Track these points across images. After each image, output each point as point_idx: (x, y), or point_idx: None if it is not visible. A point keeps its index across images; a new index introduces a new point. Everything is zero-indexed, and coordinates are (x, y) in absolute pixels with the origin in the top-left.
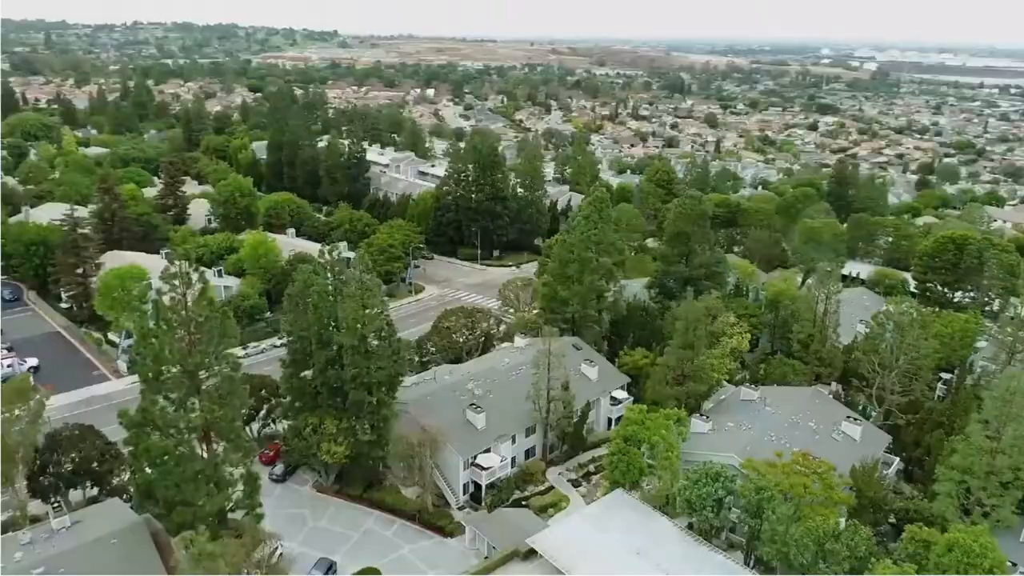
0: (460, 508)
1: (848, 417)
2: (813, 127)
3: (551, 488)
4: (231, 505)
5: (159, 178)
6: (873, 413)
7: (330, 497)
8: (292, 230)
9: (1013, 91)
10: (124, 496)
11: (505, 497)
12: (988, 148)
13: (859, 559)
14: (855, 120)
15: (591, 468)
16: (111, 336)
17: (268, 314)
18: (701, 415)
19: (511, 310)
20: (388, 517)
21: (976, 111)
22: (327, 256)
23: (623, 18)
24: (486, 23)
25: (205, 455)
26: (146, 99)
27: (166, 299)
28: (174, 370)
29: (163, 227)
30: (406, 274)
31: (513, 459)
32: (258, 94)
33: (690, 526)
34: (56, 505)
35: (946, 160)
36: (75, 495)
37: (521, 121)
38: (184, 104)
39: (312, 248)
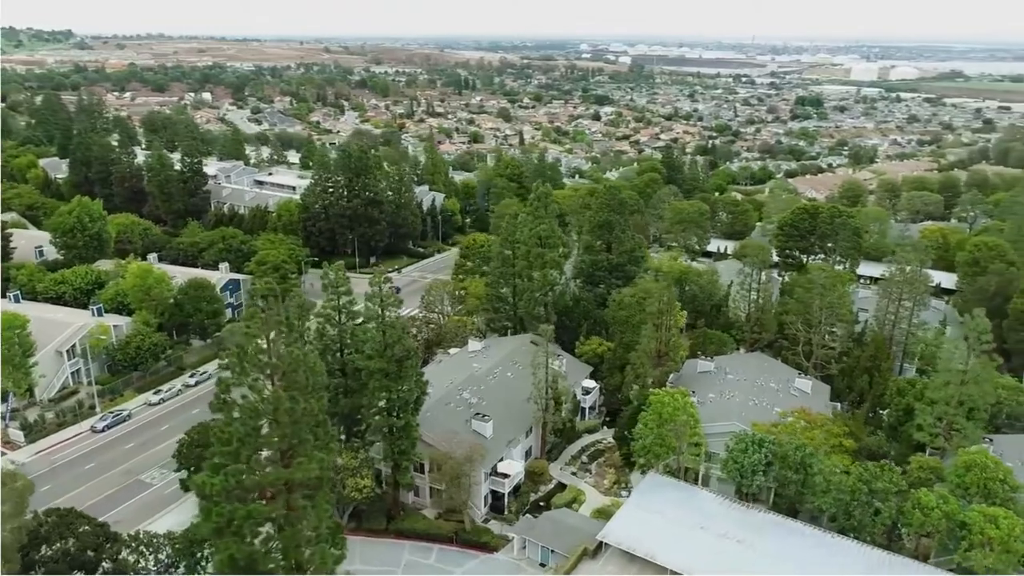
0: (485, 521)
1: (799, 374)
2: (596, 117)
3: (561, 484)
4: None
5: None
6: (806, 367)
7: (350, 536)
8: (154, 255)
9: (743, 79)
10: None
11: (525, 501)
12: (741, 130)
13: (899, 493)
14: (629, 109)
15: (583, 458)
16: None
17: (169, 351)
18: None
19: (435, 315)
20: (422, 545)
21: (722, 98)
22: (331, 276)
23: (390, 15)
24: (244, 22)
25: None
26: None
27: (250, 344)
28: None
29: None
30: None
31: None
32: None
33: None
34: None
35: (711, 142)
36: None
37: (318, 123)
38: None
39: (198, 274)
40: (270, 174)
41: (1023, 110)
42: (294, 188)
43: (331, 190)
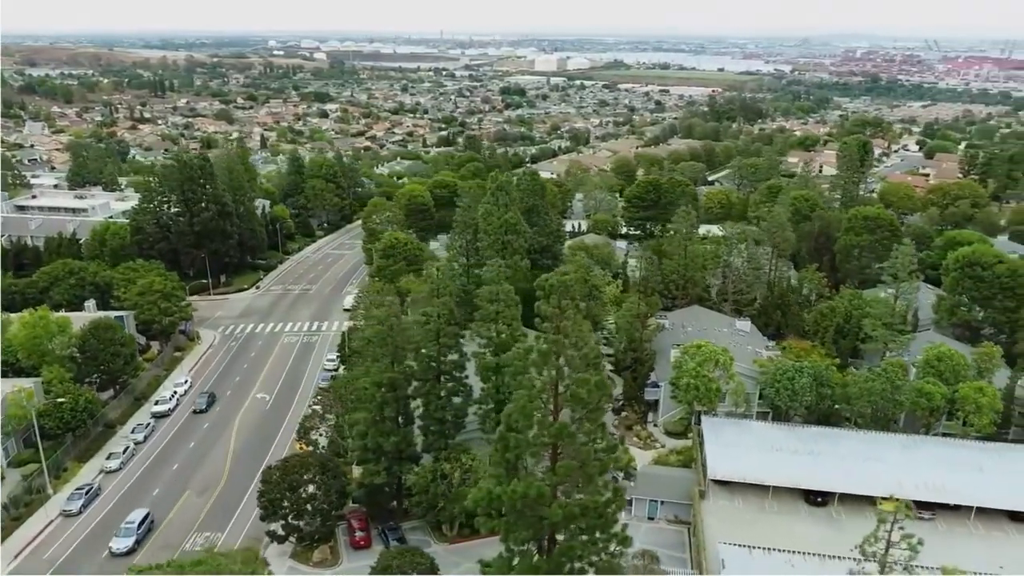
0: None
1: (738, 318)
2: (323, 115)
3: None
4: None
5: None
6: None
7: (469, 543)
8: None
9: (444, 72)
10: None
11: None
12: (466, 120)
13: (903, 389)
14: (353, 106)
15: None
16: None
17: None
18: (676, 345)
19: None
20: None
21: (434, 91)
22: (437, 274)
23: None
24: None
25: None
26: None
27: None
28: None
29: None
30: (185, 324)
31: None
32: None
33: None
34: None
35: (449, 134)
36: None
37: (3, 140)
38: None
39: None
40: (33, 197)
41: (680, 92)
42: (75, 210)
43: (167, 206)
